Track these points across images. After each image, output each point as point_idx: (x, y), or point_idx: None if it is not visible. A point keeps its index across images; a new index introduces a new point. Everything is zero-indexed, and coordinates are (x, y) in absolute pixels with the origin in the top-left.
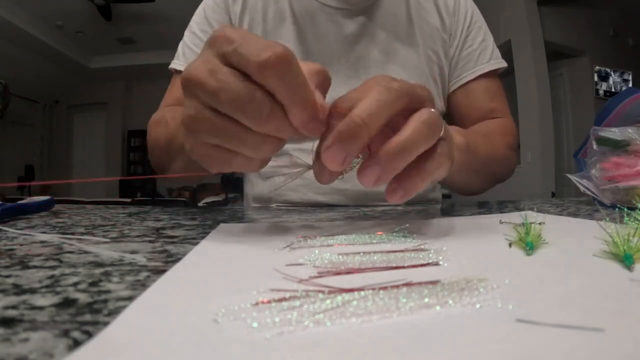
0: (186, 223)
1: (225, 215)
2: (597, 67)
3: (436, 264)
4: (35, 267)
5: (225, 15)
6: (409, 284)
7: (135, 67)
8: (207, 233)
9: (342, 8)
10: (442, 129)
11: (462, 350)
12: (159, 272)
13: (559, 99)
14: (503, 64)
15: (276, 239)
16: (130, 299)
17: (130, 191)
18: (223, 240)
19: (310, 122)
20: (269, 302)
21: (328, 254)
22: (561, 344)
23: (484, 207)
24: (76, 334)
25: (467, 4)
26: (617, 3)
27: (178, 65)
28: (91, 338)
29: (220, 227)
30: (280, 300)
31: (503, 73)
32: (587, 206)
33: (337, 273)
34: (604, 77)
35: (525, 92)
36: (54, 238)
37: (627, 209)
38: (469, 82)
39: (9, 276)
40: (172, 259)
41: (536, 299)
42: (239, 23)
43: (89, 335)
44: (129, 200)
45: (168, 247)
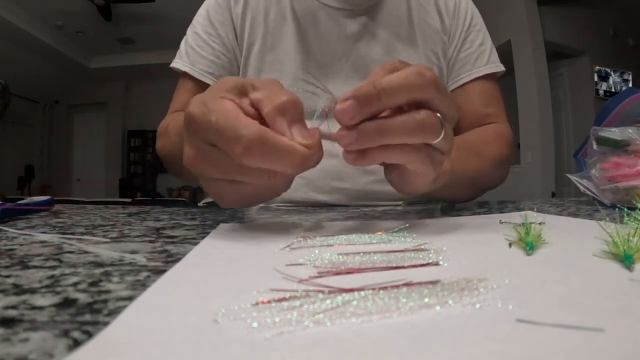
0: (186, 223)
1: (225, 215)
2: (597, 67)
3: (436, 264)
4: (35, 267)
5: (227, 16)
6: (409, 284)
7: (135, 67)
8: (207, 233)
9: (343, 8)
10: (438, 137)
11: (462, 350)
12: (159, 272)
13: (559, 99)
14: (500, 68)
15: (276, 239)
16: (130, 299)
17: (130, 191)
18: (223, 240)
19: (305, 165)
20: (269, 302)
21: (328, 254)
22: (561, 344)
23: (484, 207)
24: (76, 334)
25: (468, 6)
26: (617, 3)
27: (181, 65)
28: (91, 338)
29: (220, 227)
30: (280, 300)
31: (503, 74)
32: (587, 206)
33: (337, 273)
34: (604, 77)
35: (525, 92)
36: (54, 238)
37: (627, 209)
38: (465, 84)
39: (9, 276)
40: (172, 259)
41: (536, 299)
42: (241, 23)
43: (89, 335)
44: (129, 200)
45: (168, 247)
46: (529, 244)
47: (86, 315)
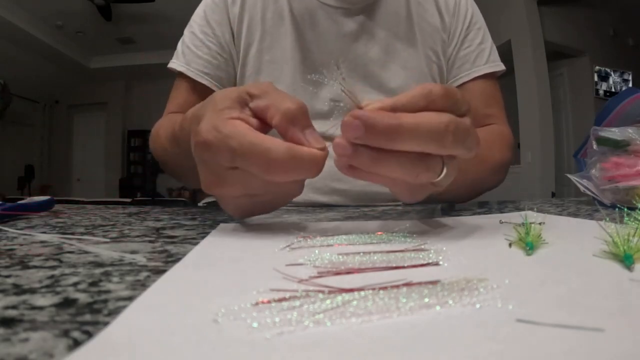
0: (186, 223)
1: (225, 215)
2: (597, 67)
3: (436, 264)
4: (35, 267)
5: (224, 16)
6: (409, 284)
7: (135, 67)
8: (207, 233)
9: (341, 7)
10: (434, 179)
11: (462, 350)
12: (159, 272)
13: (559, 99)
14: (501, 66)
15: (276, 239)
16: (130, 299)
17: (130, 191)
18: (223, 240)
19: (318, 168)
20: (269, 302)
21: (328, 254)
22: (561, 344)
23: (484, 207)
24: (76, 334)
25: (468, 4)
26: (617, 3)
27: (177, 65)
28: (91, 338)
29: (220, 227)
30: (280, 300)
31: (503, 73)
32: (587, 206)
33: (337, 273)
34: (604, 77)
35: (525, 92)
36: (54, 238)
37: (627, 209)
38: (465, 83)
39: (9, 276)
40: (172, 259)
41: (536, 299)
42: (238, 23)
43: (89, 335)
44: (129, 200)
45: (168, 247)
46: (529, 244)
47: (86, 315)
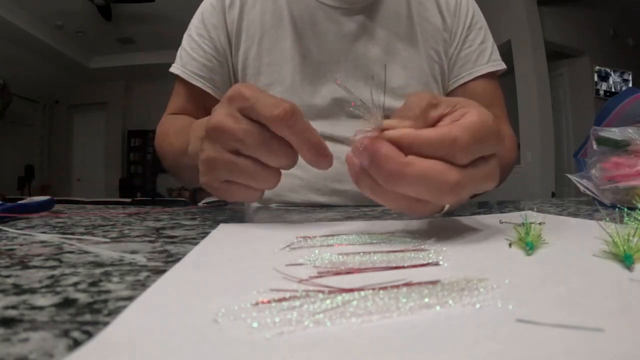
0: (186, 223)
1: (225, 215)
2: (597, 67)
3: (436, 264)
4: (35, 267)
5: (221, 19)
6: (409, 284)
7: (135, 67)
8: (207, 233)
9: (340, 7)
10: (436, 213)
11: (462, 350)
12: (159, 272)
13: (559, 99)
14: (502, 65)
15: (276, 239)
16: (130, 299)
17: (130, 191)
18: (223, 240)
19: (318, 159)
20: (269, 302)
21: (328, 254)
22: (561, 344)
23: (484, 207)
24: (76, 334)
25: (469, 4)
26: (617, 3)
27: (175, 68)
28: (91, 338)
29: (220, 227)
30: (280, 300)
31: (503, 73)
32: (587, 206)
33: (337, 273)
34: (604, 77)
35: (525, 92)
36: (54, 238)
37: (627, 209)
38: (466, 83)
39: (9, 276)
40: (172, 259)
41: (536, 299)
42: (237, 27)
43: (89, 335)
44: (129, 200)
45: (168, 247)
46: (529, 244)
47: (86, 315)
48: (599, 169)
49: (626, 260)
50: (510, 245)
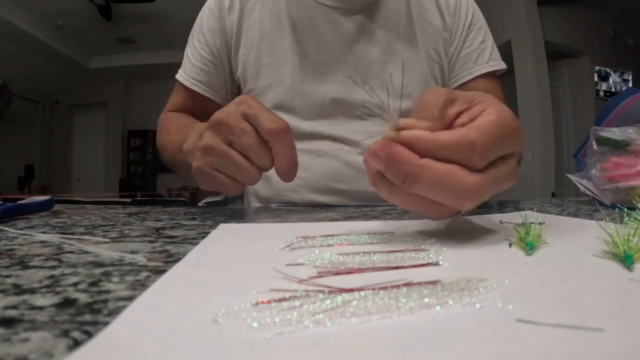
0: (186, 223)
1: (225, 215)
2: (597, 67)
3: (436, 264)
4: (35, 267)
5: (218, 23)
6: (409, 284)
7: (135, 67)
8: (207, 233)
9: (339, 7)
10: (447, 218)
11: (462, 350)
12: (159, 272)
13: (559, 99)
14: (502, 65)
15: (276, 239)
16: (130, 299)
17: (130, 191)
18: (223, 240)
19: (288, 173)
20: (269, 302)
21: (328, 254)
22: (561, 344)
23: (484, 207)
24: (76, 334)
25: (469, 3)
26: (617, 3)
27: (178, 75)
28: (91, 338)
29: (220, 227)
30: (280, 300)
31: (503, 73)
32: (587, 206)
33: (337, 273)
34: (604, 77)
35: (525, 92)
36: (54, 238)
37: (627, 209)
38: (467, 82)
39: (9, 276)
40: (172, 259)
41: (536, 299)
42: (237, 31)
43: (89, 335)
44: (129, 200)
45: (168, 247)
46: (529, 244)
47: (86, 315)
48: (599, 169)
49: (626, 260)
50: (510, 245)
